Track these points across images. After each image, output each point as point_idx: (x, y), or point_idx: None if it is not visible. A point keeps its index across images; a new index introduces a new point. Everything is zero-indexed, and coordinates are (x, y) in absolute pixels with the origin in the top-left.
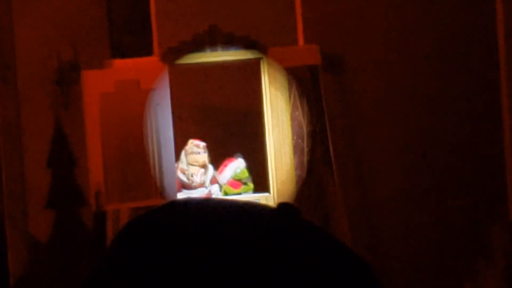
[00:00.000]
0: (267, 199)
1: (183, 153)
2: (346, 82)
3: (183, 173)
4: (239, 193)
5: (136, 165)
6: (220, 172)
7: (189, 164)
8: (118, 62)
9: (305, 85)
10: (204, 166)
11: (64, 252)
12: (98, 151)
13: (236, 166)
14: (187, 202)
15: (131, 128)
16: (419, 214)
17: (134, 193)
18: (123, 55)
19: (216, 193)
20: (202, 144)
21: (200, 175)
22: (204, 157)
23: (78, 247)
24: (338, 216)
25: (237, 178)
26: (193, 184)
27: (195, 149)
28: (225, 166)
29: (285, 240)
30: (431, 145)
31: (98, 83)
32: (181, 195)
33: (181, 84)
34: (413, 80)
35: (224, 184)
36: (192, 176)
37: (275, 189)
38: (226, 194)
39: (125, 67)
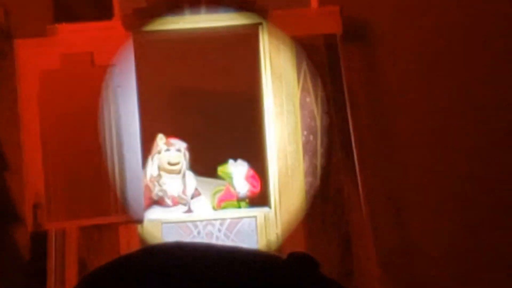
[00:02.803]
0: (267, 216)
1: (153, 156)
2: (375, 56)
3: (154, 182)
4: (229, 207)
5: (89, 169)
6: None
7: (161, 170)
8: (64, 29)
9: (319, 61)
10: (180, 172)
11: None
12: (36, 150)
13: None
14: (169, 251)
15: (82, 118)
16: (465, 235)
17: (86, 207)
18: (71, 18)
19: (199, 209)
20: (179, 143)
21: (177, 186)
22: (178, 156)
23: (10, 277)
24: (364, 242)
25: (220, 174)
26: (167, 198)
27: (164, 147)
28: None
29: None
30: (475, 138)
31: (37, 57)
32: (151, 212)
33: (151, 59)
34: (454, 51)
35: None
36: (166, 187)
37: (277, 203)
38: (212, 198)
39: (73, 35)
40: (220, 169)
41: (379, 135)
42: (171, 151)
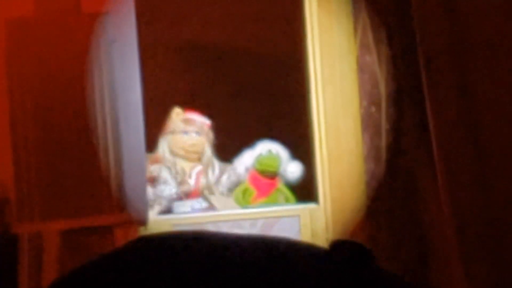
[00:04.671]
0: (314, 214)
1: (167, 135)
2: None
3: (165, 168)
4: (271, 204)
5: (74, 153)
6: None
7: (174, 154)
8: None
9: (384, 6)
10: (199, 159)
11: None
12: (3, 127)
13: (262, 148)
14: (169, 242)
15: (65, 85)
16: None
17: (69, 203)
18: None
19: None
20: (201, 120)
21: (197, 174)
22: (198, 143)
23: None
24: (446, 253)
25: (261, 168)
26: (184, 189)
27: (182, 126)
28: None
29: None
30: None
31: (1, 1)
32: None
33: (156, 3)
34: None
35: (241, 177)
36: (180, 175)
37: (327, 197)
38: (244, 203)
39: None
40: (264, 162)
41: (465, 107)
42: (189, 135)
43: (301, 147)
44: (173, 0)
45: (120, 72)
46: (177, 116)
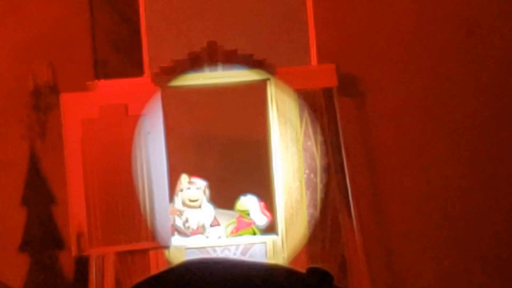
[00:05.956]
0: (275, 242)
1: (177, 193)
2: (366, 107)
3: (178, 216)
4: (245, 234)
5: (124, 203)
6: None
7: (184, 205)
8: (103, 84)
9: (319, 111)
10: (200, 206)
11: None
12: (79, 187)
13: (242, 200)
14: (202, 264)
15: (118, 160)
16: (449, 256)
17: (121, 235)
18: (109, 76)
19: (216, 238)
20: (200, 182)
21: (198, 219)
22: (196, 194)
23: None
24: (357, 262)
25: (239, 213)
26: (188, 230)
27: (187, 186)
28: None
29: None
30: (462, 176)
31: (79, 108)
32: (175, 240)
33: (176, 109)
34: (440, 102)
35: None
36: (187, 220)
37: (283, 231)
38: (226, 233)
39: (111, 89)
40: (238, 208)
41: (369, 173)
42: (192, 190)
43: (268, 199)
44: (185, 105)
45: (153, 152)
46: (184, 179)
